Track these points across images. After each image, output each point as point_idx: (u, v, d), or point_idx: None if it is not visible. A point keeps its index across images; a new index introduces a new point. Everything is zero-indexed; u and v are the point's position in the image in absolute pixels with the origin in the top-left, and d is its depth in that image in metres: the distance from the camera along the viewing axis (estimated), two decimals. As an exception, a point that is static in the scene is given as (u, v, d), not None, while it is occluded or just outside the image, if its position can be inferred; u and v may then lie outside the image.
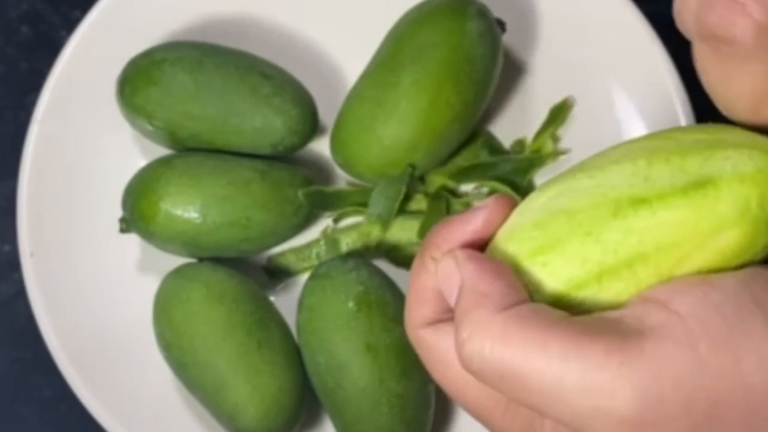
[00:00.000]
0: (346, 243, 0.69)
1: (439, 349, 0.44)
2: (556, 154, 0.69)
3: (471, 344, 0.39)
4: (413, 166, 0.67)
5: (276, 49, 0.70)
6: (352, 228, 0.69)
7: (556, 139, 0.70)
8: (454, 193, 0.69)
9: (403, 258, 0.69)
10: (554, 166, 0.69)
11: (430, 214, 0.68)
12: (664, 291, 0.40)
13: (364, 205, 0.69)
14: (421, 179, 0.69)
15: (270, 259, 0.69)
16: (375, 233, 0.68)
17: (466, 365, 0.40)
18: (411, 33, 0.66)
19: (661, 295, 0.40)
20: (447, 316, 0.44)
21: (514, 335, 0.39)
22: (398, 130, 0.65)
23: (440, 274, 0.42)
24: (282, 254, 0.69)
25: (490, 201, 0.44)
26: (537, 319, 0.39)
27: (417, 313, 0.45)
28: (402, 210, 0.68)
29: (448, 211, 0.69)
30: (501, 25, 0.67)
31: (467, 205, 0.69)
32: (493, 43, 0.66)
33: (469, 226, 0.44)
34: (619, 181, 0.41)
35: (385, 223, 0.68)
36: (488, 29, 0.66)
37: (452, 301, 0.42)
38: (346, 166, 0.68)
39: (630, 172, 0.41)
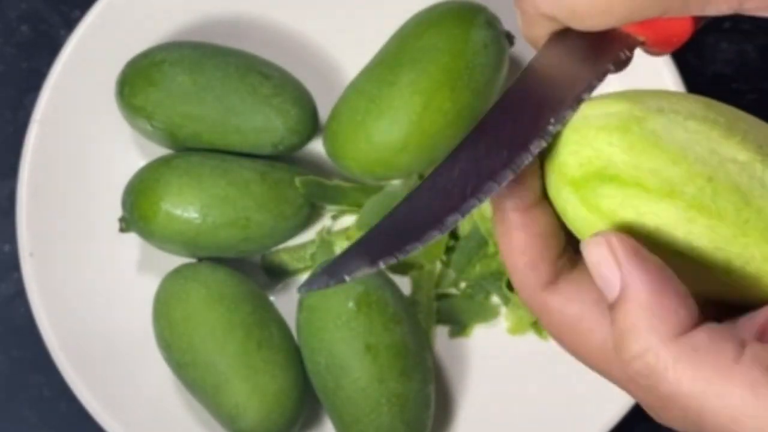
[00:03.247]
0: (341, 246, 0.69)
1: (569, 316, 0.41)
2: None
3: (637, 363, 0.38)
4: (421, 177, 0.68)
5: (276, 49, 0.70)
6: (346, 232, 0.69)
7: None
8: None
9: (399, 265, 0.69)
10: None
11: None
12: None
13: (362, 205, 0.69)
14: (421, 178, 0.69)
15: (264, 257, 0.69)
16: None
17: (630, 374, 0.38)
18: (416, 34, 0.66)
19: None
20: (562, 266, 0.41)
21: (687, 370, 0.37)
22: (388, 128, 0.66)
23: (590, 259, 0.39)
24: (276, 253, 0.69)
25: None
26: (713, 355, 0.37)
27: (531, 277, 0.41)
28: None
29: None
30: (509, 38, 0.67)
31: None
32: (498, 54, 0.66)
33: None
34: None
35: None
36: (494, 40, 0.66)
37: (610, 297, 0.38)
38: (334, 157, 0.68)
39: None
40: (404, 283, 0.68)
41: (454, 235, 0.69)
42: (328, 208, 0.70)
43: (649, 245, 0.38)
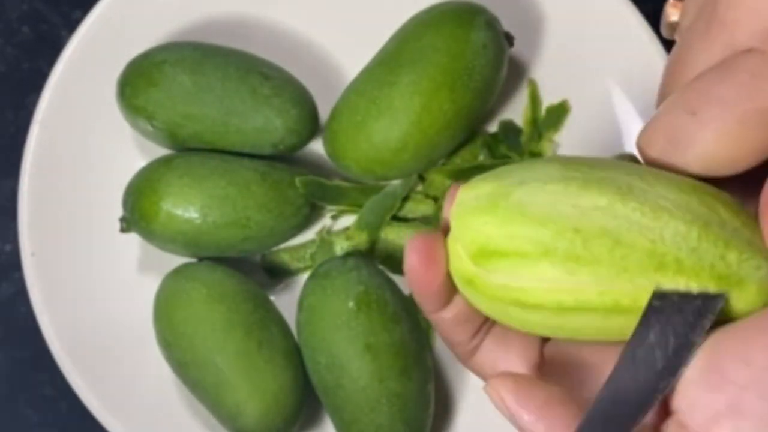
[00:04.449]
0: (341, 246, 0.69)
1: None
2: None
3: None
4: (421, 177, 0.68)
5: (276, 49, 0.70)
6: (346, 232, 0.70)
7: (554, 143, 0.70)
8: None
9: (398, 265, 0.69)
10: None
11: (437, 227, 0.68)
12: (699, 418, 0.40)
13: (362, 205, 0.69)
14: (421, 178, 0.69)
15: (264, 257, 0.69)
16: (362, 240, 0.68)
17: None
18: (416, 34, 0.66)
19: (696, 423, 0.40)
20: (477, 343, 0.46)
21: None
22: (388, 128, 0.66)
23: (488, 395, 0.43)
24: (276, 253, 0.69)
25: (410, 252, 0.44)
26: None
27: (458, 353, 0.47)
28: (398, 217, 0.69)
29: None
30: (509, 39, 0.67)
31: None
32: (498, 55, 0.66)
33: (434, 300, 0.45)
34: (670, 237, 0.41)
35: (372, 233, 0.68)
36: (494, 41, 0.66)
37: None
38: (334, 157, 0.68)
39: (681, 234, 0.41)
40: (404, 283, 0.68)
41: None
42: (328, 208, 0.70)
43: (546, 311, 0.42)
